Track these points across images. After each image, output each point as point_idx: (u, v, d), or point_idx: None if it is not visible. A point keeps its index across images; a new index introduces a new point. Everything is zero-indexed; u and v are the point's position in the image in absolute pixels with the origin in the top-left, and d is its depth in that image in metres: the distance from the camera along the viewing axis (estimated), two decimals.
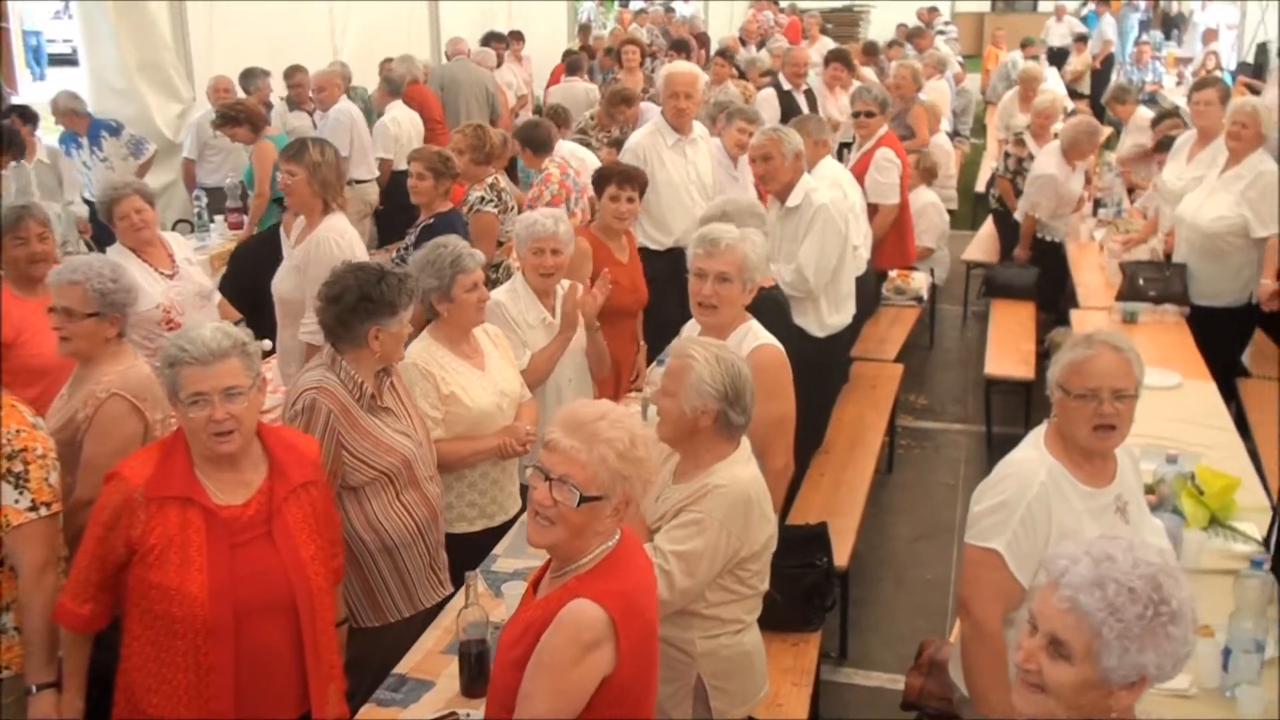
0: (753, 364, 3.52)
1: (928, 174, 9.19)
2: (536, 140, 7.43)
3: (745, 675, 3.49)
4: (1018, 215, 8.85)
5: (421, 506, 3.86)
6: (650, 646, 2.77)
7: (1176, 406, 5.47)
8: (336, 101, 9.14)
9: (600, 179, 5.75)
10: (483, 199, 6.42)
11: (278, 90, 10.26)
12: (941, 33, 18.82)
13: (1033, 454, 3.24)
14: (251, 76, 9.81)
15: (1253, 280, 6.44)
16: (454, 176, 6.07)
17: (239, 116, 8.04)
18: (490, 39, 13.15)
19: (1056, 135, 9.02)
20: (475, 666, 3.38)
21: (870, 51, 14.33)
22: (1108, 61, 18.22)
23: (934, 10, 16.61)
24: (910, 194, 8.14)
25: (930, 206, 9.00)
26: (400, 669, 3.54)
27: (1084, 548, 2.09)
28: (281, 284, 5.40)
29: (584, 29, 16.92)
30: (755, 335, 4.08)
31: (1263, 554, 3.79)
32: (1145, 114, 10.49)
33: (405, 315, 3.81)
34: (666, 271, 4.27)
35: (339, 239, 5.26)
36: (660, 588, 3.03)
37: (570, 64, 12.86)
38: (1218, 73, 16.16)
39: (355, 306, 3.69)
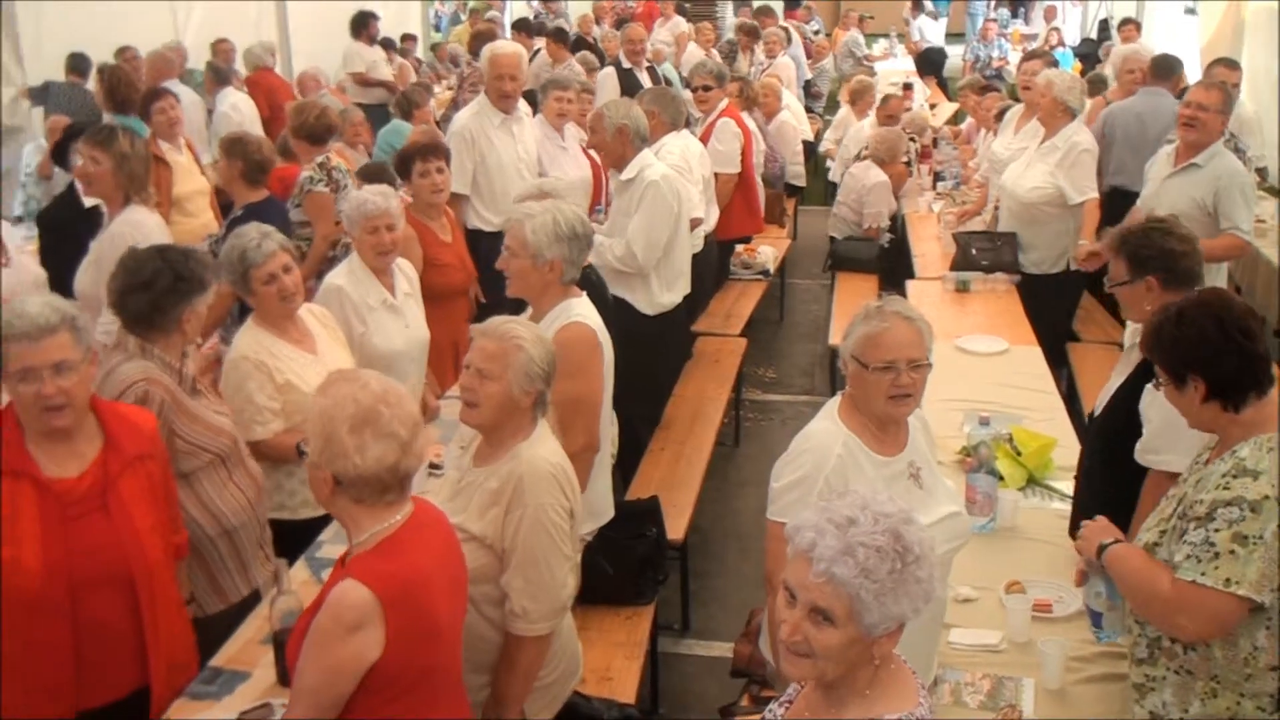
0: (556, 341, 3.49)
1: None
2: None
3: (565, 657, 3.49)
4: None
5: (250, 484, 3.82)
6: (428, 635, 2.66)
7: (1002, 371, 5.62)
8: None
9: (402, 161, 5.60)
10: (311, 179, 6.26)
11: None
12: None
13: (828, 426, 3.23)
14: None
15: (1071, 247, 6.59)
16: (255, 163, 5.83)
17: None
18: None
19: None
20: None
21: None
22: None
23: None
24: None
25: None
26: (216, 661, 3.46)
27: (825, 515, 2.11)
28: (81, 279, 5.10)
29: (476, 14, 16.80)
30: (569, 313, 4.03)
31: None
32: None
33: (212, 292, 3.74)
34: (499, 251, 4.26)
35: (135, 233, 4.95)
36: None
37: None
38: (1060, 49, 16.65)
39: (172, 289, 3.60)
